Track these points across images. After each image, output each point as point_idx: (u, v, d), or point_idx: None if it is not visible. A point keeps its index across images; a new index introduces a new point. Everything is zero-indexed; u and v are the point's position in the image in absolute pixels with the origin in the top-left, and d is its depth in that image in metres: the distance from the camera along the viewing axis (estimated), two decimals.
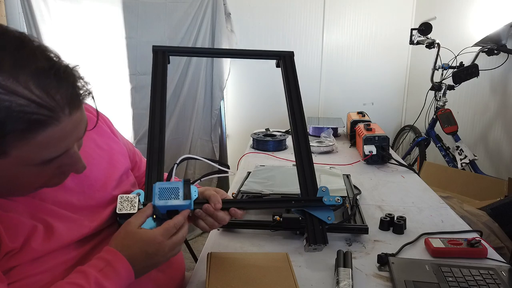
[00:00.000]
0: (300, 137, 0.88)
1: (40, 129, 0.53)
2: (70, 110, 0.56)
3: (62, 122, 0.55)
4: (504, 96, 2.15)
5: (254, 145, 1.92)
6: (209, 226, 0.79)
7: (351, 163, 1.65)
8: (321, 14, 3.05)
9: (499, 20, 2.08)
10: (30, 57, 0.53)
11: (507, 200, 1.60)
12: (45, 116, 0.53)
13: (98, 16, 2.53)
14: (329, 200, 0.80)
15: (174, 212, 0.72)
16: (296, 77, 0.93)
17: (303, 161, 0.85)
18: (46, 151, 0.56)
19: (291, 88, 0.91)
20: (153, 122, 0.83)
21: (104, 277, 0.61)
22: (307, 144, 0.87)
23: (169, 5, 2.61)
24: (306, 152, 0.86)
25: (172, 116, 2.75)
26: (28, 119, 0.52)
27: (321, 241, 0.77)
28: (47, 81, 0.53)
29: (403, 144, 3.06)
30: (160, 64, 0.90)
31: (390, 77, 3.18)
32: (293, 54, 0.95)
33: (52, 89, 0.53)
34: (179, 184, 0.74)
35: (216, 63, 2.75)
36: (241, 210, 0.80)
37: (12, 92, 0.50)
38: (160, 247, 0.68)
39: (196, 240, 2.75)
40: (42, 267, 0.61)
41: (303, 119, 0.90)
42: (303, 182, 0.84)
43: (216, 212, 0.77)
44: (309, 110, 3.16)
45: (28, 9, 2.40)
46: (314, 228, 0.79)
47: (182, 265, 0.94)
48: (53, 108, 0.53)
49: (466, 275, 0.80)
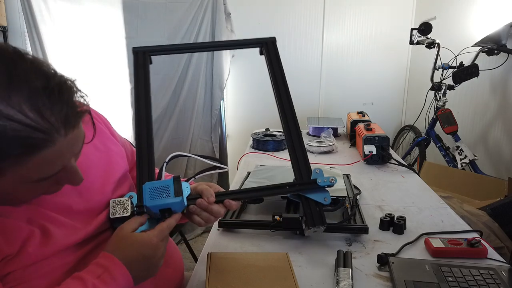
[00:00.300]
0: (289, 121, 0.86)
1: (35, 152, 0.53)
2: (66, 130, 0.55)
3: (57, 143, 0.54)
4: (504, 96, 2.15)
5: (254, 145, 1.92)
6: (205, 220, 0.78)
7: (351, 163, 1.65)
8: (321, 14, 3.05)
9: (499, 20, 2.08)
10: (23, 78, 0.52)
11: (507, 200, 1.60)
12: (40, 140, 0.52)
13: (98, 16, 2.53)
14: (323, 181, 0.80)
15: (167, 210, 0.72)
16: (280, 62, 0.91)
17: (294, 145, 0.84)
18: (43, 171, 0.56)
19: (276, 74, 0.90)
20: (140, 125, 0.81)
21: (102, 284, 0.61)
22: (297, 128, 0.86)
23: (169, 5, 2.60)
24: (296, 136, 0.85)
25: (172, 116, 2.74)
26: (23, 144, 0.51)
27: (319, 222, 0.77)
28: (41, 102, 0.52)
29: (403, 144, 3.06)
30: (141, 66, 0.89)
31: (390, 77, 3.18)
32: (275, 39, 0.94)
33: (46, 110, 0.52)
34: (169, 182, 0.73)
35: (216, 63, 2.75)
36: (235, 201, 0.79)
37: (5, 117, 0.49)
38: (157, 249, 0.67)
39: (196, 240, 2.75)
40: (39, 272, 0.61)
41: (290, 102, 0.88)
42: (296, 166, 0.83)
43: (211, 206, 0.76)
44: (309, 110, 3.16)
45: (28, 9, 2.40)
46: (311, 210, 0.79)
47: (181, 265, 0.94)
48: (48, 131, 0.52)
49: (466, 275, 0.80)
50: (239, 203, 0.81)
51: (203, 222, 0.78)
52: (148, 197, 0.71)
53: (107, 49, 2.56)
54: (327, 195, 0.80)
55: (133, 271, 0.65)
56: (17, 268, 0.59)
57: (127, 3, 2.55)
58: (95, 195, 0.74)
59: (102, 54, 2.56)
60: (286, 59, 3.12)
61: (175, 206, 0.72)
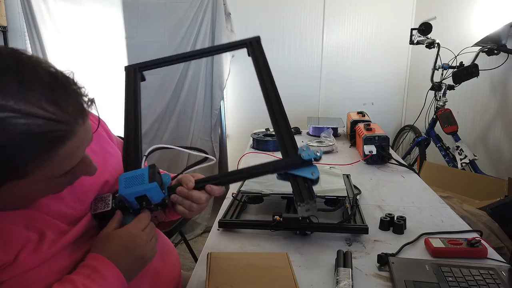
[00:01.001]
0: (272, 100, 0.84)
1: (60, 145, 0.53)
2: (83, 119, 0.56)
3: (77, 133, 0.55)
4: (504, 96, 2.15)
5: (254, 145, 1.92)
6: (188, 209, 0.76)
7: (351, 163, 1.65)
8: (321, 14, 3.05)
9: (499, 20, 2.08)
10: (33, 75, 0.52)
11: (507, 200, 1.60)
12: (63, 132, 0.53)
13: (98, 16, 2.53)
14: (307, 155, 0.75)
15: (143, 198, 0.70)
16: (266, 60, 0.89)
17: (278, 121, 0.81)
18: (66, 164, 0.57)
19: (262, 72, 0.88)
20: (128, 147, 0.79)
21: (92, 283, 0.61)
22: (281, 106, 0.83)
23: (169, 5, 2.60)
24: (280, 113, 0.82)
25: (172, 116, 2.74)
26: (49, 138, 0.51)
27: (307, 197, 0.73)
28: (56, 95, 0.53)
29: (403, 144, 3.06)
30: (131, 83, 0.89)
31: (390, 77, 3.18)
32: (259, 38, 0.93)
33: (63, 102, 0.53)
34: (144, 170, 0.72)
35: (216, 63, 2.75)
36: (218, 186, 0.76)
37: (27, 114, 0.49)
38: (137, 239, 0.67)
39: (196, 240, 2.75)
40: (35, 278, 0.60)
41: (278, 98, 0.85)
42: (281, 143, 0.80)
43: (191, 192, 0.74)
44: (309, 110, 3.16)
45: (28, 9, 2.40)
46: (299, 187, 0.75)
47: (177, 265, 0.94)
48: (69, 122, 0.54)
49: (466, 275, 0.80)
50: (221, 188, 0.77)
51: (187, 212, 0.76)
52: (123, 186, 0.70)
53: (107, 49, 2.57)
54: (315, 169, 0.75)
55: (121, 266, 0.65)
56: (13, 276, 0.58)
57: (127, 3, 2.55)
58: (90, 199, 0.74)
59: (102, 54, 2.56)
60: (286, 59, 3.12)
61: (151, 193, 0.70)
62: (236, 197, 1.20)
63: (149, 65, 0.95)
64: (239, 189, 1.25)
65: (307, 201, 0.72)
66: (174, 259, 0.93)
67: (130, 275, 0.67)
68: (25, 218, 0.62)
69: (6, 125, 0.48)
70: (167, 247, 0.92)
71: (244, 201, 1.20)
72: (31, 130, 0.49)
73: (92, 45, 2.53)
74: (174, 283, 0.89)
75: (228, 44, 0.98)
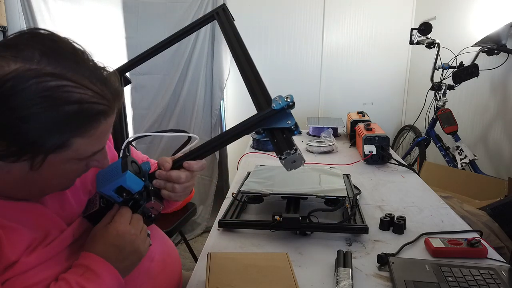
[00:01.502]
0: (241, 59, 0.81)
1: (102, 120, 0.59)
2: (117, 102, 0.62)
3: (114, 113, 0.62)
4: (504, 96, 2.15)
5: (254, 145, 1.92)
6: (171, 191, 0.74)
7: (351, 163, 1.65)
8: (321, 14, 3.04)
9: (499, 20, 2.08)
10: (84, 56, 0.60)
11: (507, 200, 1.60)
12: (107, 107, 0.59)
13: (98, 16, 2.53)
14: (278, 104, 0.70)
15: (122, 190, 0.69)
16: (235, 27, 0.88)
17: (247, 75, 0.78)
18: (98, 143, 0.62)
19: (230, 37, 0.86)
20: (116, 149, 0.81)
21: (86, 281, 0.61)
22: (250, 62, 0.81)
23: (169, 5, 2.60)
24: (248, 67, 0.79)
25: (172, 116, 2.74)
26: (97, 110, 0.57)
27: (286, 147, 0.70)
28: (102, 76, 0.60)
29: (403, 144, 3.06)
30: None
31: (390, 77, 3.18)
32: (225, 6, 0.92)
33: (107, 83, 0.60)
34: (117, 163, 0.71)
35: (216, 63, 2.75)
36: (195, 160, 0.75)
37: (81, 85, 0.56)
38: (126, 235, 0.67)
39: (196, 240, 2.75)
40: (34, 279, 0.60)
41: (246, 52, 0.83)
42: (254, 99, 0.75)
43: (169, 173, 0.73)
44: (309, 110, 3.16)
45: (28, 9, 2.40)
46: (277, 140, 0.72)
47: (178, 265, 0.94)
48: (110, 100, 0.60)
49: (466, 275, 0.80)
50: (200, 162, 0.75)
51: (172, 194, 0.75)
52: (100, 183, 0.70)
53: (107, 49, 2.56)
54: (290, 117, 0.71)
55: (114, 263, 0.65)
56: (13, 275, 0.58)
57: (127, 3, 2.55)
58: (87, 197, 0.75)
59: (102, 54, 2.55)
60: (286, 59, 3.12)
61: (127, 183, 0.68)
62: (236, 197, 1.20)
63: (128, 65, 0.94)
64: (239, 189, 1.25)
65: (287, 152, 0.70)
66: (175, 259, 0.93)
67: (125, 271, 0.67)
68: (36, 215, 0.63)
69: (65, 92, 0.54)
70: (168, 247, 0.92)
71: (244, 201, 1.20)
72: (83, 99, 0.56)
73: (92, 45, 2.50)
74: (175, 284, 0.89)
75: (195, 22, 0.95)
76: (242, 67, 0.81)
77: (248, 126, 0.73)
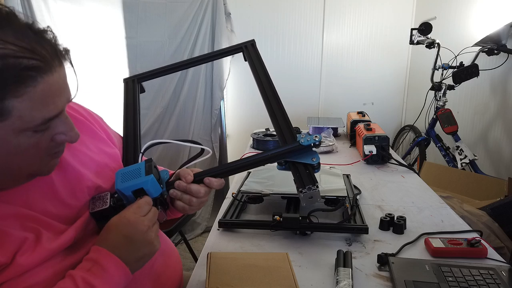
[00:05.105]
0: (268, 93, 0.85)
1: (38, 77, 0.53)
2: (59, 61, 0.57)
3: (55, 72, 0.56)
4: (504, 96, 2.15)
5: (254, 145, 1.92)
6: (188, 203, 0.74)
7: (351, 163, 1.65)
8: (321, 14, 3.05)
9: (499, 20, 2.08)
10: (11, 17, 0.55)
11: (507, 200, 1.60)
12: (40, 62, 0.54)
13: (98, 16, 2.53)
14: (306, 140, 0.75)
15: (140, 191, 0.69)
16: (261, 60, 0.91)
17: (274, 110, 0.81)
18: (45, 107, 0.56)
19: (259, 72, 0.89)
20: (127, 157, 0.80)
21: (91, 276, 0.60)
22: (276, 97, 0.84)
23: (169, 5, 2.60)
24: (275, 101, 0.82)
25: (172, 116, 2.75)
26: (26, 65, 0.52)
27: (309, 182, 0.72)
28: (33, 35, 0.55)
29: (403, 144, 3.07)
30: (130, 93, 0.90)
31: (390, 77, 3.18)
32: (254, 42, 0.94)
33: (39, 41, 0.55)
34: (140, 164, 0.71)
35: (216, 63, 2.75)
36: (216, 178, 0.76)
37: (4, 41, 0.51)
38: (138, 225, 0.64)
39: (196, 240, 2.75)
40: (33, 280, 0.59)
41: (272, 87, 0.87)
42: (279, 132, 0.79)
43: (189, 186, 0.73)
44: (309, 110, 3.16)
45: (28, 9, 2.40)
46: (300, 174, 0.74)
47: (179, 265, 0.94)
48: (45, 56, 0.55)
49: (466, 275, 0.80)
50: (220, 180, 0.76)
51: (187, 207, 0.75)
52: (119, 181, 0.69)
53: (107, 49, 2.56)
54: (315, 155, 0.75)
55: (123, 256, 0.63)
56: (10, 278, 0.57)
57: (127, 3, 2.55)
58: (87, 197, 0.72)
59: (102, 54, 2.56)
60: (286, 59, 3.12)
61: (148, 186, 0.69)
62: (236, 197, 1.20)
63: (148, 75, 0.96)
64: (239, 189, 1.25)
65: (309, 187, 0.71)
66: (176, 260, 0.93)
67: (135, 265, 0.65)
68: (20, 219, 0.61)
69: None
70: (169, 248, 0.92)
71: (244, 201, 1.20)
72: (7, 54, 0.51)
73: (92, 45, 2.52)
74: (176, 284, 0.89)
75: (225, 49, 0.99)
76: (269, 101, 0.85)
77: (274, 155, 0.77)
